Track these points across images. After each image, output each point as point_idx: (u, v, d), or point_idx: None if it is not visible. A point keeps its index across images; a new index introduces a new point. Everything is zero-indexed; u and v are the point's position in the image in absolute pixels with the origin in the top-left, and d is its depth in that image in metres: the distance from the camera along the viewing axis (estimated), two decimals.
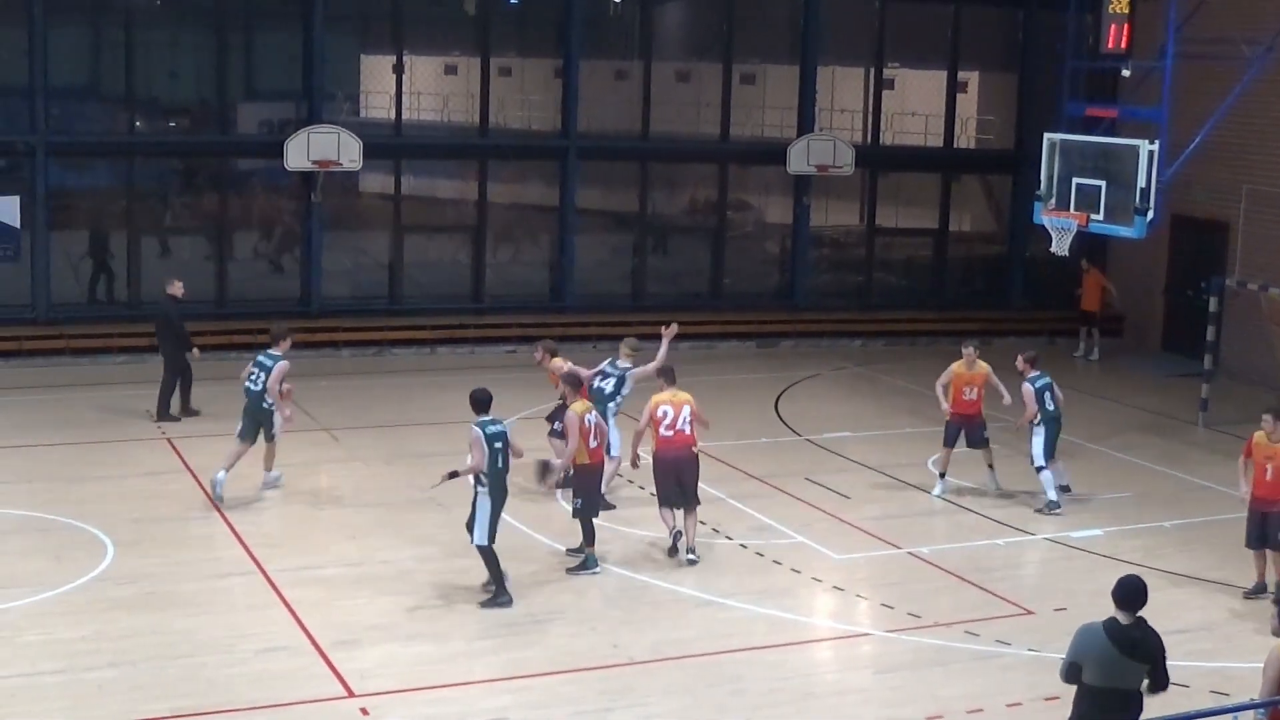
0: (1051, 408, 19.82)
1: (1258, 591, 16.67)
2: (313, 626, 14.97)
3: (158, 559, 16.83)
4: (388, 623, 15.23)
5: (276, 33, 30.53)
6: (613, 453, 18.90)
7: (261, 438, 19.07)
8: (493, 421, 16.01)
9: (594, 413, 17.28)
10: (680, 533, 17.24)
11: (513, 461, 16.07)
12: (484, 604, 15.70)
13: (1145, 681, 10.64)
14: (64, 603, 15.49)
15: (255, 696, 13.43)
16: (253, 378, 19.01)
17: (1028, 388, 19.83)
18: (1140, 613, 10.72)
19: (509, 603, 15.72)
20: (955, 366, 20.51)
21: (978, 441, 20.41)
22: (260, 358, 19.18)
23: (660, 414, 17.21)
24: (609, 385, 19.50)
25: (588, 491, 16.97)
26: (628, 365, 19.71)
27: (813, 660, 15.26)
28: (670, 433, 17.18)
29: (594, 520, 16.98)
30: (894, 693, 14.13)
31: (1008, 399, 20.48)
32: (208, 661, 14.14)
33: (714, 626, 15.56)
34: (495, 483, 15.66)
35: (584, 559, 16.93)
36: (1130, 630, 10.62)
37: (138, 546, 17.16)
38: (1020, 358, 20.20)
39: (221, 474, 18.69)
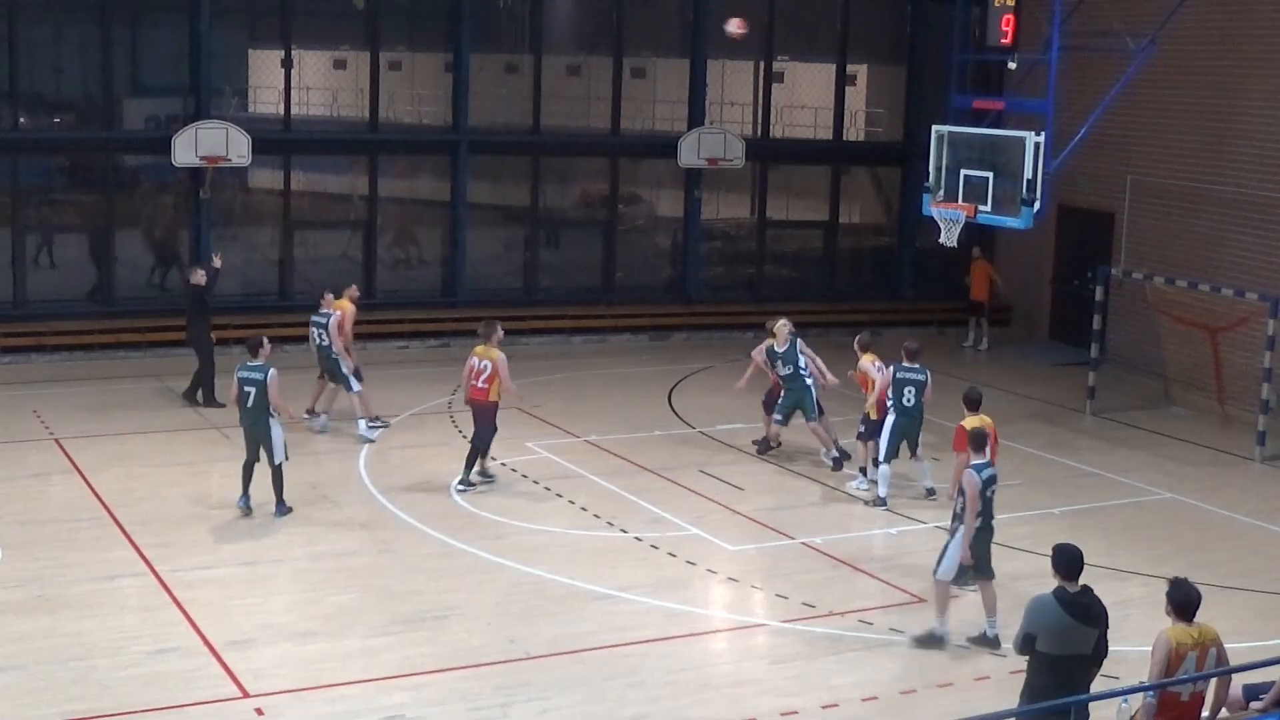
0: (909, 403, 19.79)
1: None
2: (206, 627, 14.84)
3: (46, 561, 16.60)
4: (282, 622, 15.13)
5: (163, 27, 30.15)
6: None
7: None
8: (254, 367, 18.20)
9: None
10: None
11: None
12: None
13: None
14: None
15: (148, 698, 13.29)
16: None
17: (888, 372, 19.98)
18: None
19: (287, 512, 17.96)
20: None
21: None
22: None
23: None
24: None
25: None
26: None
27: (709, 651, 15.33)
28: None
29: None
30: (790, 682, 14.22)
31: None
32: (99, 664, 13.98)
33: (610, 619, 15.60)
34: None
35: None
36: (1080, 597, 11.18)
37: (26, 549, 16.92)
38: (904, 348, 20.32)
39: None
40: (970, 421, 16.78)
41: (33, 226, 28.32)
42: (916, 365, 19.80)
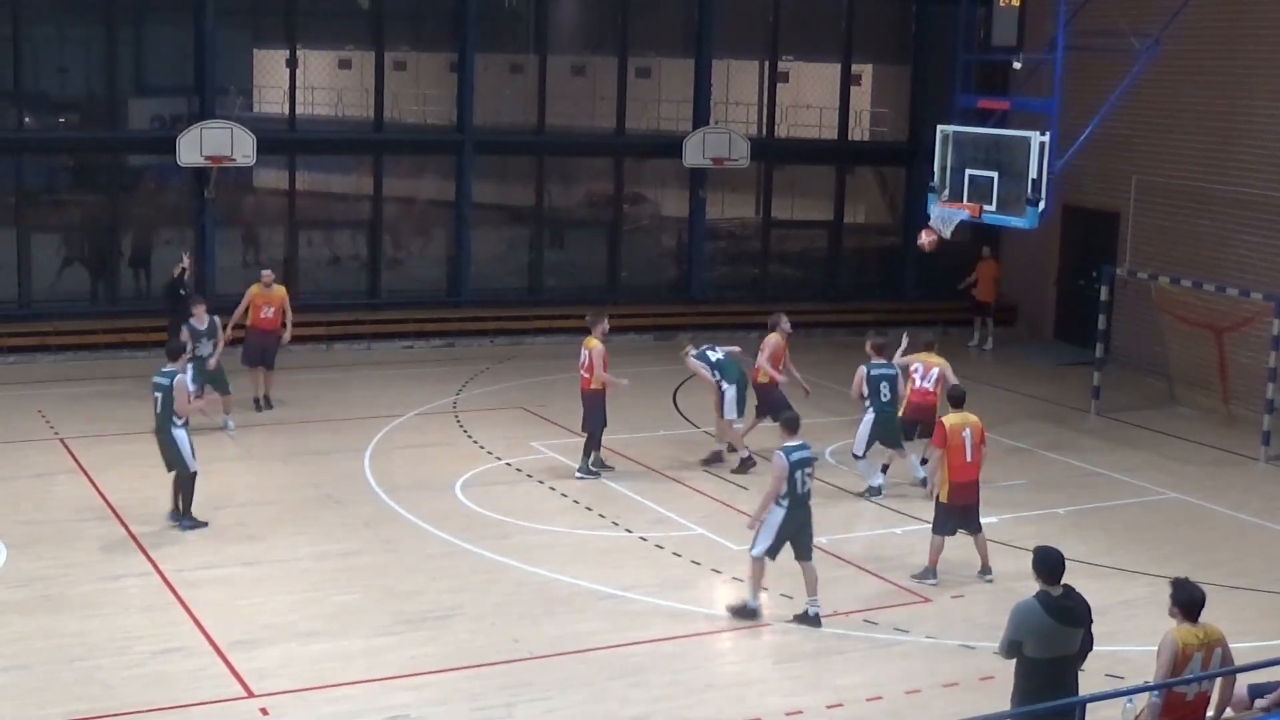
0: (886, 399, 19.97)
1: None
2: (210, 627, 14.84)
3: (50, 561, 16.61)
4: (286, 622, 15.13)
5: (168, 27, 30.18)
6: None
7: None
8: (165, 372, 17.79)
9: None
10: None
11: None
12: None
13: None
14: None
15: (152, 698, 13.29)
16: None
17: (861, 371, 20.17)
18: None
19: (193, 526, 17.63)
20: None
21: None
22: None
23: None
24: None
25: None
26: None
27: (713, 651, 15.31)
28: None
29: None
30: (794, 682, 14.22)
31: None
32: (103, 664, 13.98)
33: (614, 619, 15.59)
34: None
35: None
36: (1063, 600, 11.17)
37: (30, 549, 16.93)
38: (868, 343, 20.62)
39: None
40: (951, 418, 16.87)
41: (37, 226, 28.32)
42: (883, 360, 20.19)
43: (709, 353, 21.52)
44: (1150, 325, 26.77)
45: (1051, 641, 11.10)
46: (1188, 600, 10.97)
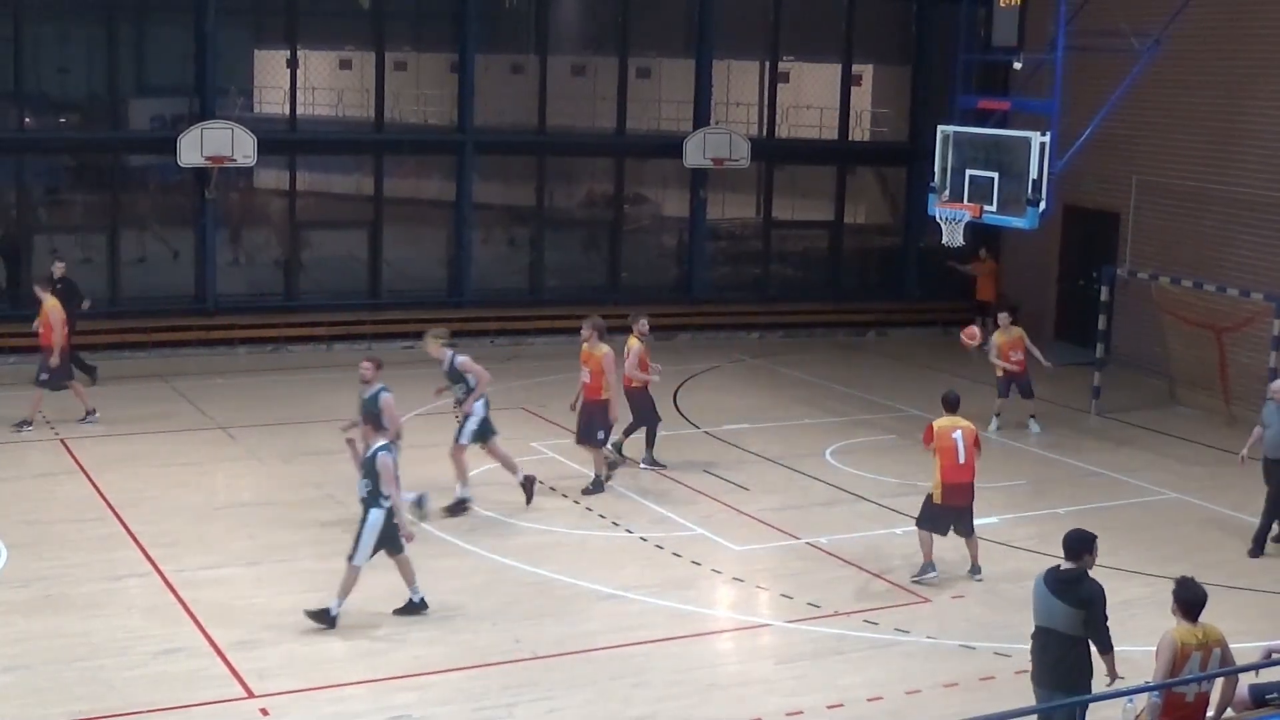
0: None
1: None
2: (211, 627, 14.85)
3: (52, 561, 16.62)
4: (287, 622, 15.12)
5: (168, 27, 30.20)
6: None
7: None
8: None
9: None
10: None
11: None
12: None
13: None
14: None
15: (154, 699, 13.30)
16: None
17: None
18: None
19: None
20: (996, 336, 23.88)
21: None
22: None
23: None
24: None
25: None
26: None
27: (715, 651, 15.33)
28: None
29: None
30: (795, 682, 14.23)
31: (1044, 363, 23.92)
32: (105, 664, 13.99)
33: (616, 619, 15.60)
34: None
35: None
36: (1064, 574, 11.56)
37: (31, 549, 16.94)
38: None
39: None
40: (941, 421, 16.84)
41: (38, 226, 28.33)
42: None
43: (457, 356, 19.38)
44: (1151, 325, 26.77)
45: (1041, 608, 11.56)
46: (1189, 600, 10.99)
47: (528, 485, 19.22)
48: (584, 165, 33.03)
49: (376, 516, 15.06)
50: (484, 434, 19.08)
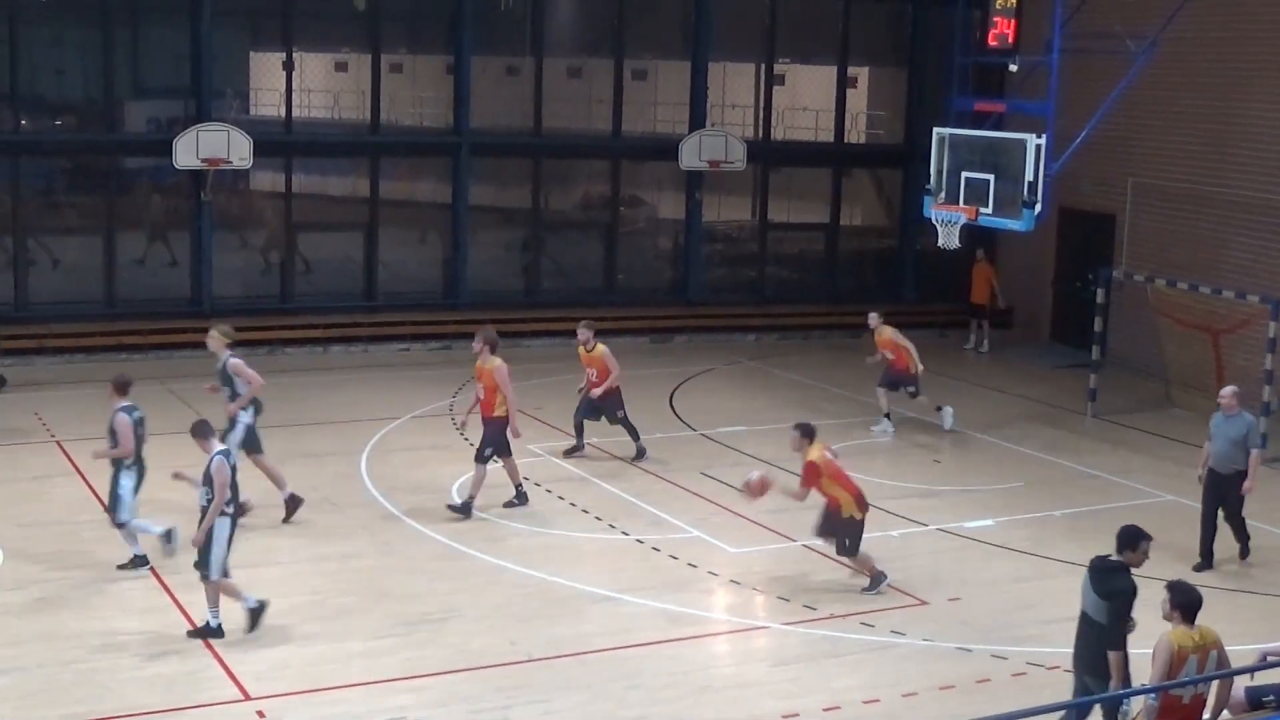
0: None
1: None
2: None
3: (48, 564, 16.61)
4: (283, 624, 15.12)
5: (164, 29, 30.19)
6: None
7: None
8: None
9: None
10: None
11: None
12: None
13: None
14: None
15: (150, 701, 13.30)
16: None
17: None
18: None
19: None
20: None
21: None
22: None
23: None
24: None
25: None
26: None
27: (710, 653, 15.33)
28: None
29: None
30: (791, 685, 14.23)
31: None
32: (101, 666, 13.99)
33: (611, 621, 15.60)
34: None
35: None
36: (1105, 563, 11.93)
37: (27, 552, 16.93)
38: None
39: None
40: (814, 452, 16.40)
41: (34, 229, 28.32)
42: None
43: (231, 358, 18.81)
44: (1147, 327, 26.77)
45: (1082, 592, 12.03)
46: (1185, 602, 11.01)
47: (291, 503, 18.47)
48: (580, 167, 33.03)
49: (222, 526, 14.70)
50: (250, 443, 18.54)
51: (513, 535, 18.12)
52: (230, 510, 14.74)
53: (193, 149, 26.89)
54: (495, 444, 19.03)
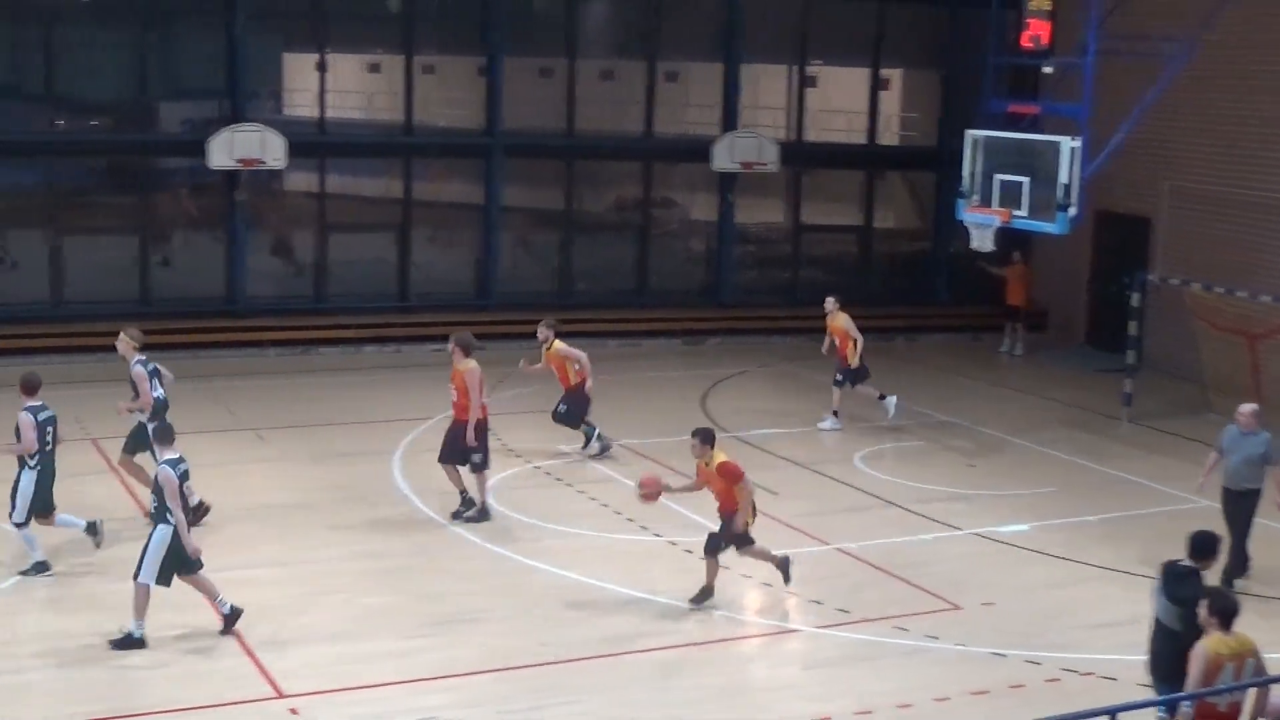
0: None
1: None
2: (240, 627, 14.84)
3: (82, 560, 16.66)
4: (316, 622, 15.15)
5: (198, 31, 30.27)
6: None
7: None
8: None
9: None
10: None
11: None
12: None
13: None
14: None
15: (182, 697, 13.33)
16: None
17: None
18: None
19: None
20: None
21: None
22: None
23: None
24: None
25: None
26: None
27: (742, 656, 15.29)
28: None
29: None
30: (823, 688, 14.18)
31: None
32: (134, 663, 14.02)
33: (642, 623, 15.57)
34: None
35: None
36: (1176, 570, 11.96)
37: (62, 548, 16.97)
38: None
39: None
40: (723, 455, 16.36)
41: (70, 228, 28.43)
42: None
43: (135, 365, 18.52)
44: (1183, 331, 26.61)
45: (1154, 599, 12.07)
46: (1223, 609, 10.95)
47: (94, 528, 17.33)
48: (612, 169, 33.02)
49: (163, 533, 14.50)
50: (135, 445, 18.40)
51: (544, 536, 18.11)
52: (172, 519, 14.45)
53: (227, 150, 27.00)
54: (454, 446, 18.84)
